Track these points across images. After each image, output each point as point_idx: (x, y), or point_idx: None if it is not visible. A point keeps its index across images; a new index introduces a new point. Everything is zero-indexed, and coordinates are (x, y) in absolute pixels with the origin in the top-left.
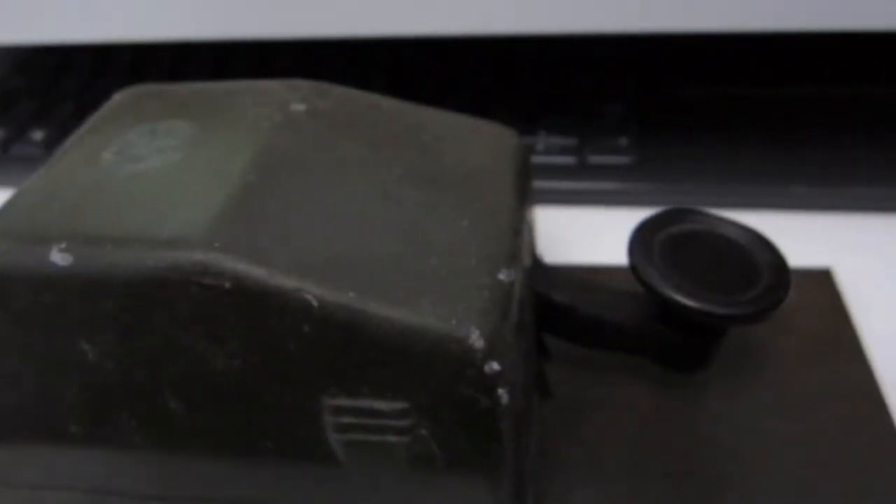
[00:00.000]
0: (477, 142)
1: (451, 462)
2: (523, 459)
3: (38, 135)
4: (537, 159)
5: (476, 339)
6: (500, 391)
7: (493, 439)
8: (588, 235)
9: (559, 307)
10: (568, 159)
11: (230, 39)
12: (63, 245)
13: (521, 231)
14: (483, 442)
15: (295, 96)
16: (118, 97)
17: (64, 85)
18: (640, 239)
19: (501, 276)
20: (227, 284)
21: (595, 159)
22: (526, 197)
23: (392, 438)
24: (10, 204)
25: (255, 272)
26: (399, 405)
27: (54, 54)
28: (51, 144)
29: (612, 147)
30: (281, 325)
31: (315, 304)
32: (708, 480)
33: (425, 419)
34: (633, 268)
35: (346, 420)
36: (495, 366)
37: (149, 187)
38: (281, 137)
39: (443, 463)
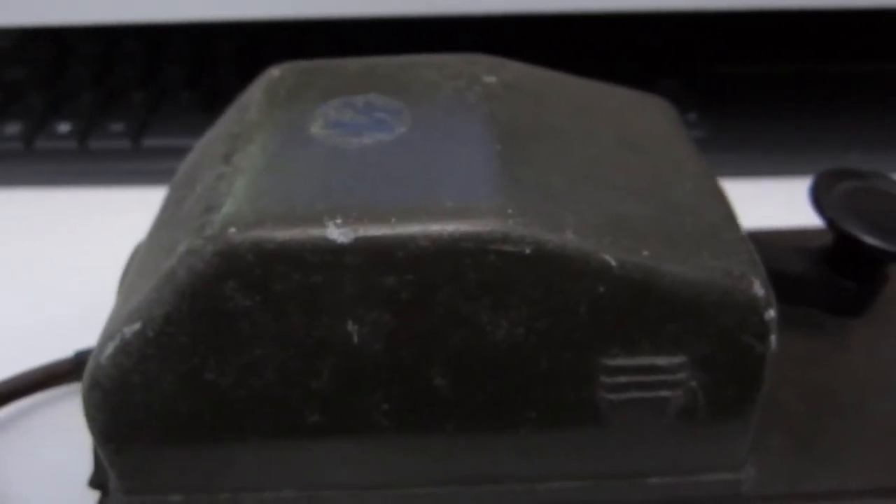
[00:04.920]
0: (647, 111)
1: (712, 410)
2: None
3: (63, 127)
4: None
5: (758, 289)
6: (772, 337)
7: (756, 384)
8: None
9: None
10: None
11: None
12: (339, 220)
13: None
14: (747, 387)
15: (481, 69)
16: (276, 73)
17: (73, 74)
18: (823, 196)
19: (743, 233)
20: (527, 250)
21: None
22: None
23: (664, 393)
24: (224, 187)
25: (556, 236)
26: (678, 359)
27: (48, 43)
28: (84, 136)
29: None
30: (577, 288)
31: (614, 264)
32: (881, 414)
33: (699, 370)
34: (830, 221)
35: (622, 379)
36: (772, 312)
37: (395, 160)
38: (496, 108)
39: (704, 413)
